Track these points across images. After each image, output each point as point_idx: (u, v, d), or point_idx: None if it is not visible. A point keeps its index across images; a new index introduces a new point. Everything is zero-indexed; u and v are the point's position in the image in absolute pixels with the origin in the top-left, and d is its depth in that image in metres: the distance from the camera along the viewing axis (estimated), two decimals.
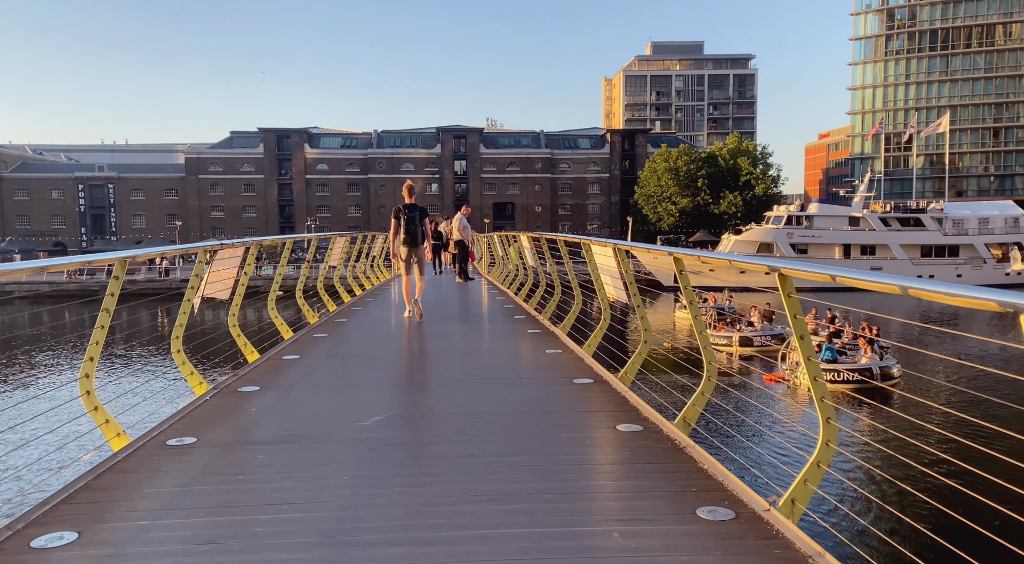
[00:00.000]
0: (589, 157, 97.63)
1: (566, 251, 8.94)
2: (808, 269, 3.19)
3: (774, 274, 3.37)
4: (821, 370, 3.40)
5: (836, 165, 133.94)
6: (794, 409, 19.32)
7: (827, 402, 3.37)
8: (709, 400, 4.79)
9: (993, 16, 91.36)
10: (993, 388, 22.43)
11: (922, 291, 2.44)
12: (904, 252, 59.55)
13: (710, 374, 4.74)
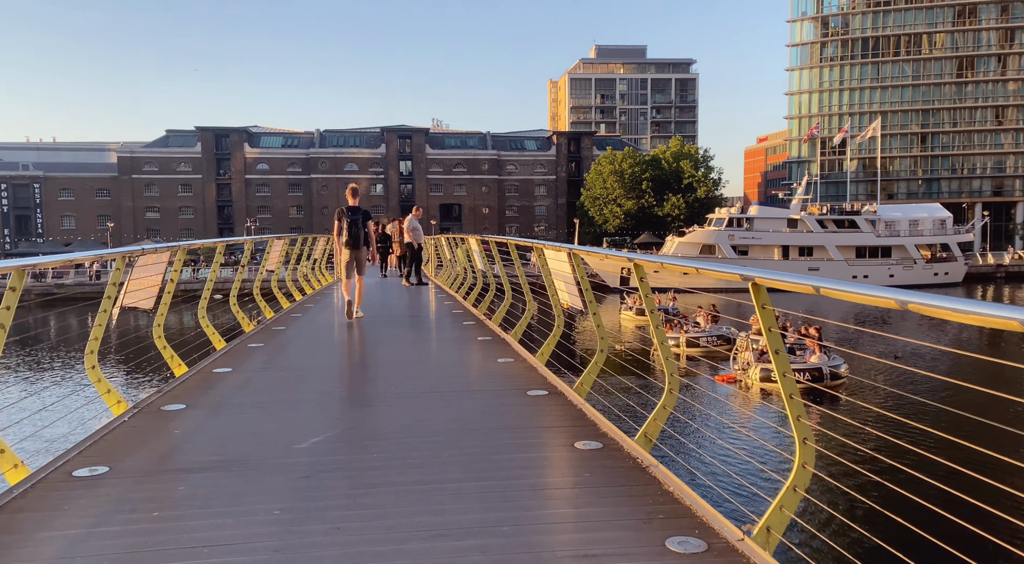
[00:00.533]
0: (536, 159, 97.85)
1: (517, 255, 8.64)
2: (785, 278, 2.95)
3: (747, 283, 3.12)
4: (797, 387, 3.16)
5: (774, 168, 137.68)
6: (759, 421, 19.24)
7: (803, 422, 3.14)
8: (671, 413, 4.55)
9: (919, 26, 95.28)
10: (932, 389, 23.15)
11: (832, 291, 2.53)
12: (840, 253, 61.42)
13: (672, 387, 4.49)
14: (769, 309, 3.12)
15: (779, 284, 2.89)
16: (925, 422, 15.66)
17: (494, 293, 11.27)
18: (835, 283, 2.58)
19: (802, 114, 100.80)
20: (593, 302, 5.88)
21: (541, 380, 6.22)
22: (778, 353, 3.12)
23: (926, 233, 63.44)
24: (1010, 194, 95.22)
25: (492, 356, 7.46)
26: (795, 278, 2.86)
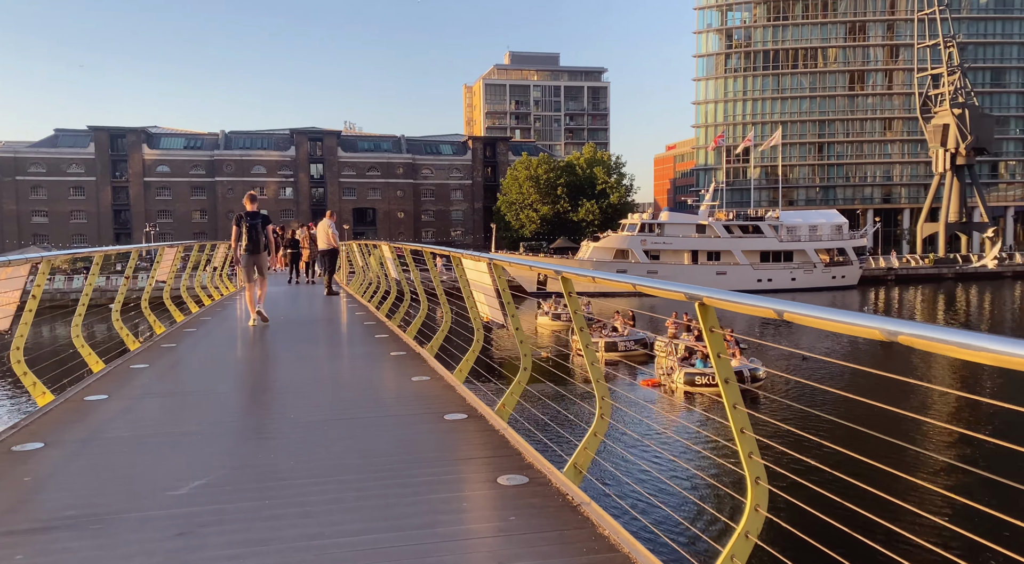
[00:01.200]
0: (451, 163, 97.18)
1: (433, 263, 8.12)
2: (735, 300, 2.58)
3: (694, 303, 2.75)
4: (749, 421, 2.80)
5: (683, 175, 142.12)
6: (700, 436, 19.00)
7: (756, 459, 2.78)
8: (602, 441, 4.15)
9: (815, 41, 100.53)
10: (839, 385, 24.02)
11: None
12: (746, 258, 63.75)
13: (603, 411, 4.09)
14: (717, 333, 2.75)
15: (733, 306, 2.51)
16: (841, 416, 16.10)
17: (409, 303, 10.66)
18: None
19: (708, 123, 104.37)
20: (516, 316, 5.44)
21: (460, 401, 5.72)
22: (728, 382, 2.75)
23: (824, 238, 66.70)
24: (897, 201, 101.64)
25: (406, 374, 6.90)
26: (752, 300, 2.50)
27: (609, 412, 4.07)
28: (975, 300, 59.18)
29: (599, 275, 3.54)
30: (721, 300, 2.60)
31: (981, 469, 13.59)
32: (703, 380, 23.86)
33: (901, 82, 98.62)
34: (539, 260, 62.76)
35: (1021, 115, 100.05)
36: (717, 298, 2.61)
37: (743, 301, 2.52)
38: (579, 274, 3.96)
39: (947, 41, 79.53)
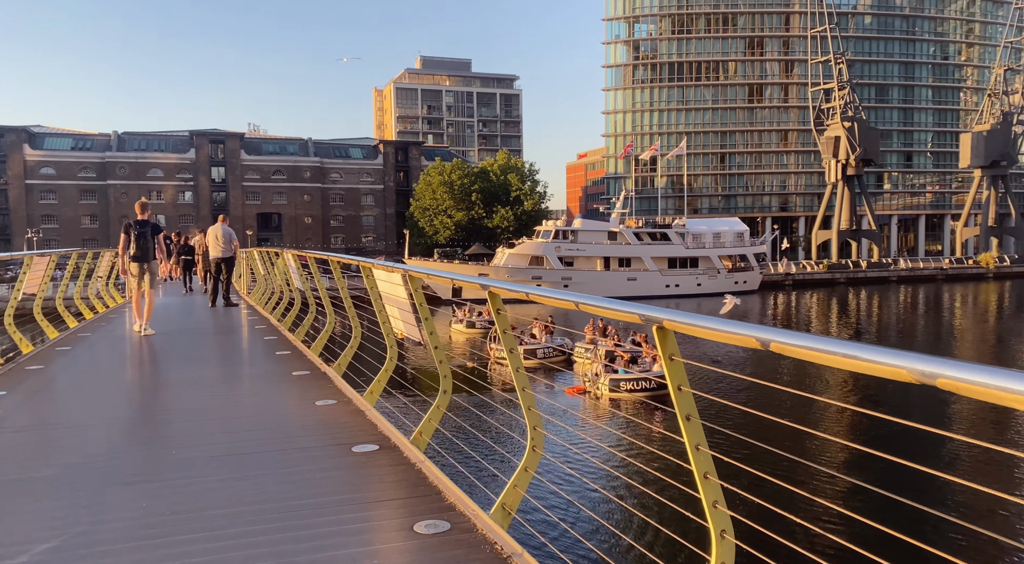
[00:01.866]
0: (362, 167, 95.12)
1: (340, 274, 7.45)
2: (701, 324, 2.16)
3: (651, 326, 2.31)
4: (714, 467, 2.38)
5: (594, 183, 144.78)
6: (641, 463, 18.44)
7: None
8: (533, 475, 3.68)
9: (716, 54, 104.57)
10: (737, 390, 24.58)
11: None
12: (655, 264, 65.27)
13: (535, 443, 3.62)
14: (678, 361, 2.33)
15: (699, 331, 2.09)
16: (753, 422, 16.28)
17: (314, 315, 9.89)
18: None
19: (618, 132, 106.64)
20: (435, 333, 4.90)
21: (370, 429, 5.12)
22: (689, 419, 2.33)
23: (728, 245, 69.13)
24: (793, 210, 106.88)
25: (310, 397, 6.22)
26: (720, 325, 2.08)
27: (542, 444, 3.61)
28: (864, 303, 62.69)
29: (536, 292, 3.07)
30: (684, 324, 2.17)
31: (844, 473, 14.04)
32: (627, 386, 23.97)
33: (796, 96, 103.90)
34: (459, 272, 62.18)
35: (902, 129, 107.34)
36: (680, 321, 2.18)
37: (710, 325, 2.10)
38: (511, 290, 3.47)
39: (837, 58, 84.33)
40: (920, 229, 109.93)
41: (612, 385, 23.94)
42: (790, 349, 1.84)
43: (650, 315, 2.27)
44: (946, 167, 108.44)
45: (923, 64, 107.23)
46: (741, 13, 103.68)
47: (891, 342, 38.93)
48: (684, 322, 2.17)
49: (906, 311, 56.95)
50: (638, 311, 2.34)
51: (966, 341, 38.98)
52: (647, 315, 2.29)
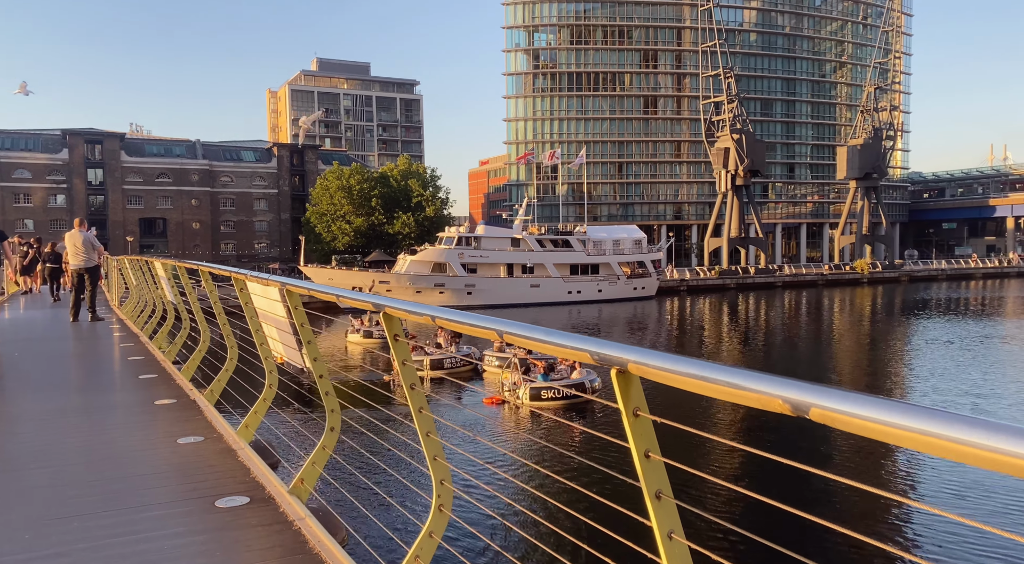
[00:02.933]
0: (255, 171, 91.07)
1: (213, 287, 6.46)
2: (672, 367, 1.54)
3: (609, 369, 1.67)
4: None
5: (496, 190, 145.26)
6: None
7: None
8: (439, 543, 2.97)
9: (613, 66, 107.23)
10: None
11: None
12: (557, 270, 65.74)
13: (442, 501, 2.91)
14: (646, 418, 1.70)
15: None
16: None
17: (188, 332, 8.73)
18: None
19: (519, 140, 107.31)
20: (321, 360, 4.10)
21: (241, 475, 4.24)
22: (660, 498, 1.70)
23: (626, 252, 70.61)
24: (686, 218, 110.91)
25: (172, 433, 5.23)
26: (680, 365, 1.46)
27: (450, 502, 2.90)
28: (753, 308, 65.54)
29: (446, 316, 2.35)
30: (655, 367, 1.54)
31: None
32: (548, 395, 23.50)
33: (688, 108, 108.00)
34: (358, 279, 60.11)
35: (785, 142, 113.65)
36: (650, 365, 1.55)
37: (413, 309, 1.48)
38: (399, 309, 2.73)
39: (726, 72, 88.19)
40: (802, 237, 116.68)
41: (532, 394, 23.42)
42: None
43: (608, 354, 1.63)
44: (825, 179, 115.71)
45: (802, 81, 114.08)
46: (636, 26, 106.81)
47: (777, 346, 40.62)
48: (653, 365, 1.54)
49: (791, 315, 59.85)
50: (591, 348, 1.69)
51: (844, 344, 41.20)
52: (604, 354, 1.65)
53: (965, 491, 15.61)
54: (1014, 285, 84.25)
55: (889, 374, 30.42)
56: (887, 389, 26.54)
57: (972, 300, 67.27)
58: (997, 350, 35.70)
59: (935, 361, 31.62)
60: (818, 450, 18.35)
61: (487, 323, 2.02)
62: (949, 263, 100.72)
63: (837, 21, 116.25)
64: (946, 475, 16.61)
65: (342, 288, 3.45)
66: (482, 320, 1.98)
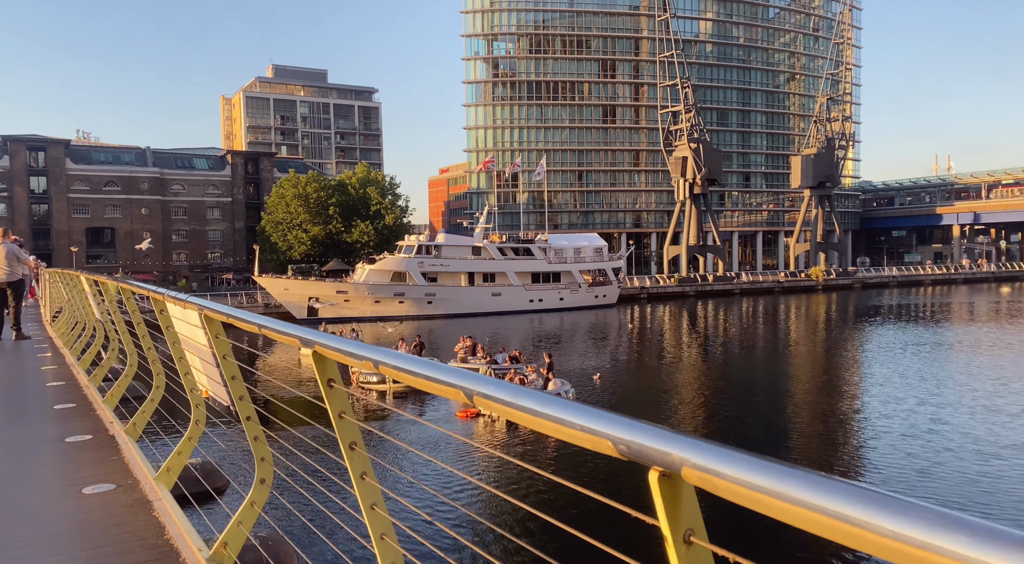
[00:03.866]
0: (208, 179, 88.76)
1: (135, 306, 5.71)
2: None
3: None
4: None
5: (457, 198, 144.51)
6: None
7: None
8: None
9: (572, 75, 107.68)
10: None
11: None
12: (518, 279, 65.28)
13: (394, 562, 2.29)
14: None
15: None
16: None
17: (116, 355, 7.89)
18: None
19: (479, 148, 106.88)
20: (246, 398, 3.43)
21: (153, 536, 3.54)
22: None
23: (588, 260, 70.53)
24: (646, 226, 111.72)
25: (79, 478, 4.48)
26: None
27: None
28: (712, 315, 66.01)
29: (388, 360, 1.74)
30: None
31: None
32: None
33: (646, 117, 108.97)
34: (316, 289, 58.53)
35: (741, 151, 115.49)
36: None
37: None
38: (334, 348, 2.08)
39: (683, 82, 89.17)
40: (758, 244, 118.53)
41: None
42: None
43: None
44: (779, 187, 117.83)
45: (757, 91, 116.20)
46: (594, 36, 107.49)
47: (736, 354, 40.76)
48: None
49: (750, 322, 60.39)
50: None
51: (802, 351, 41.55)
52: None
53: None
54: (961, 291, 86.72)
55: (846, 382, 30.61)
56: (846, 397, 26.69)
57: (922, 306, 68.88)
58: (949, 357, 36.33)
59: (890, 368, 31.95)
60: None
61: (453, 379, 1.44)
62: (900, 270, 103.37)
63: (790, 33, 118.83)
64: None
65: (270, 317, 2.81)
66: (446, 374, 1.41)
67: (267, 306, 60.67)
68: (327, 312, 57.84)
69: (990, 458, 17.62)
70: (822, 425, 22.13)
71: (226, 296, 65.58)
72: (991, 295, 79.84)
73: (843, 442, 20.38)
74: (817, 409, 24.40)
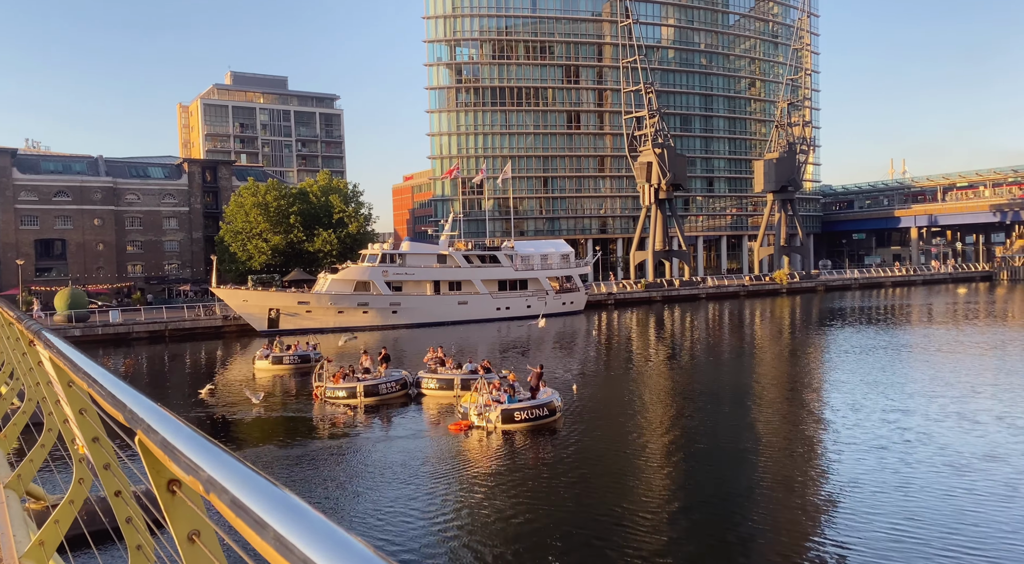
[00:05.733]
0: (164, 188, 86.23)
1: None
2: None
3: None
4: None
5: (421, 206, 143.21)
6: None
7: None
8: None
9: (536, 81, 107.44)
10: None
11: None
12: (485, 286, 64.38)
13: None
14: None
15: None
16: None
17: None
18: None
19: (443, 155, 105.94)
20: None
21: None
22: None
23: (555, 267, 69.98)
24: (612, 232, 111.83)
25: None
26: None
27: None
28: (679, 320, 65.93)
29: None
30: None
31: None
32: (521, 415, 22.58)
33: (610, 123, 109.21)
34: (277, 299, 56.64)
35: (704, 156, 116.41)
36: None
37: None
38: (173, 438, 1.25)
39: (646, 87, 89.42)
40: (722, 248, 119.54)
41: (505, 416, 22.35)
42: None
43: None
44: (743, 192, 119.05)
45: (719, 96, 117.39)
46: (557, 42, 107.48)
47: (703, 359, 40.47)
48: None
49: (716, 326, 60.40)
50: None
51: (768, 355, 41.43)
52: None
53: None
54: (920, 292, 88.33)
55: (810, 387, 30.39)
56: (813, 404, 26.46)
57: (884, 309, 69.72)
58: (911, 360, 36.44)
59: (854, 373, 31.82)
60: None
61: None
62: (861, 272, 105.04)
63: (750, 39, 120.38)
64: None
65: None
66: None
67: (226, 318, 58.78)
68: (288, 323, 56.27)
69: (962, 470, 17.23)
70: (791, 434, 21.75)
71: (183, 308, 63.44)
72: (948, 296, 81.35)
73: (809, 452, 19.95)
74: (786, 418, 24.04)
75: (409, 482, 17.76)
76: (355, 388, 27.29)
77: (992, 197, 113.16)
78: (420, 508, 15.73)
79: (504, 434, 21.97)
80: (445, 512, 15.60)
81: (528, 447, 21.09)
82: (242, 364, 41.67)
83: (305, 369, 36.32)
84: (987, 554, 12.62)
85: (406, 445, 21.69)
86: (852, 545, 12.96)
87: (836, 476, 17.22)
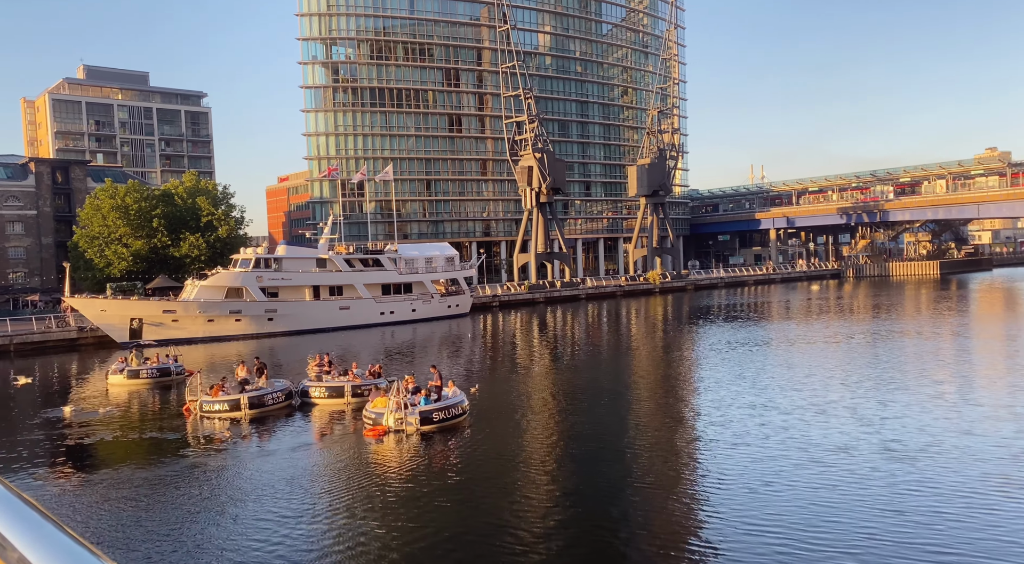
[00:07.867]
0: (7, 190, 78.53)
1: None
2: None
3: None
4: None
5: (298, 208, 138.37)
6: None
7: None
8: None
9: (416, 83, 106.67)
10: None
11: None
12: (368, 291, 63.06)
13: None
14: None
15: None
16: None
17: None
18: None
19: (321, 156, 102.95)
20: None
21: None
22: None
23: (440, 270, 69.65)
24: (496, 235, 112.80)
25: None
26: None
27: None
28: (561, 320, 67.47)
29: None
30: None
31: None
32: (439, 415, 22.51)
33: (492, 127, 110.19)
34: (139, 308, 52.50)
35: (581, 161, 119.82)
36: None
37: None
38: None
39: (525, 93, 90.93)
40: (600, 250, 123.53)
41: (424, 418, 22.15)
42: None
43: None
44: (618, 196, 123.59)
45: (594, 103, 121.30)
46: (436, 45, 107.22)
47: (583, 357, 41.66)
48: None
49: (595, 326, 62.27)
50: None
51: (643, 352, 43.25)
52: None
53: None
54: (778, 289, 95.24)
55: (683, 382, 31.86)
56: (684, 398, 27.83)
57: (747, 306, 74.45)
58: (774, 354, 39.14)
59: (723, 368, 33.67)
60: None
61: None
62: (727, 272, 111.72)
63: (622, 49, 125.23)
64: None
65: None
66: None
67: (82, 330, 54.22)
68: (153, 333, 52.58)
69: (819, 461, 18.40)
70: (668, 430, 22.73)
71: (31, 320, 57.92)
72: (803, 293, 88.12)
73: (685, 448, 20.89)
74: (663, 414, 25.10)
75: (328, 491, 17.30)
76: (238, 400, 25.87)
77: (839, 201, 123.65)
78: (340, 521, 15.18)
79: (423, 436, 21.88)
80: (359, 523, 15.10)
81: (444, 448, 21.00)
82: (92, 379, 38.57)
83: (165, 383, 34.07)
84: (845, 539, 13.66)
85: (310, 456, 20.90)
86: (723, 542, 13.55)
87: (706, 472, 18.07)
